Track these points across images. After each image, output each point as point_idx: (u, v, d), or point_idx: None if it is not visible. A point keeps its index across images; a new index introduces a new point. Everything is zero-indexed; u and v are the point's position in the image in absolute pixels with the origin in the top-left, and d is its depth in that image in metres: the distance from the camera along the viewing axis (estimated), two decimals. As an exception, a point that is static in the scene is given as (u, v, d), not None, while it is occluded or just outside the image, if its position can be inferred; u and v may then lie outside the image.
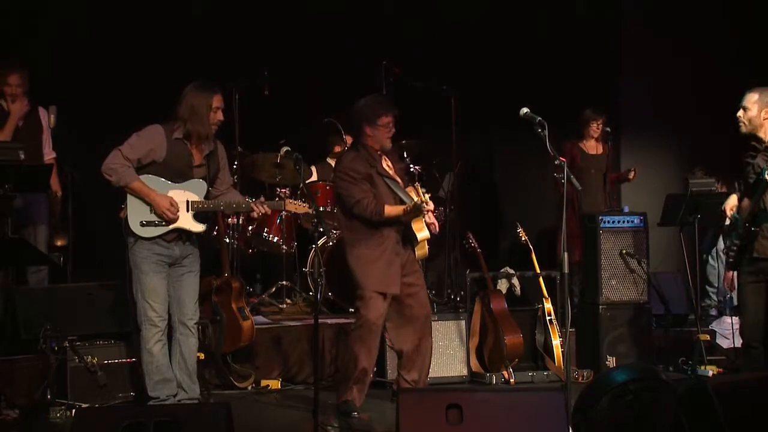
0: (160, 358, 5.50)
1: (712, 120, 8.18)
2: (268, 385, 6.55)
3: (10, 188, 5.98)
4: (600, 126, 8.29)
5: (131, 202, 5.41)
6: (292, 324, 7.07)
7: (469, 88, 8.24)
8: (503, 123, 8.27)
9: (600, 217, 7.15)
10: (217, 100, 5.48)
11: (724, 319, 7.70)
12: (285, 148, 5.69)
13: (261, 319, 7.18)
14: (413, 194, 5.70)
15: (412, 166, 7.89)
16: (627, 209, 7.39)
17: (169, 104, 5.51)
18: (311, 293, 7.67)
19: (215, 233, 6.91)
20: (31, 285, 6.68)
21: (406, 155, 7.83)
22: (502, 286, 7.18)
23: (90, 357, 5.93)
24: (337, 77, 8.48)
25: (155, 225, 5.42)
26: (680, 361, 7.06)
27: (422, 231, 5.69)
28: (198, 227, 5.53)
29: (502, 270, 7.24)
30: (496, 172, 9.85)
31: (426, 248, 5.82)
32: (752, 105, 5.62)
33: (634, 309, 7.11)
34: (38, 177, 6.33)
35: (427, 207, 5.56)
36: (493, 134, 9.48)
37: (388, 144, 5.73)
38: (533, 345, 7.14)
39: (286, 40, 8.54)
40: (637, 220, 7.19)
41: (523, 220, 7.76)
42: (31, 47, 7.64)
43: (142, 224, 5.40)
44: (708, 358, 6.92)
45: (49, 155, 6.87)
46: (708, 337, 7.16)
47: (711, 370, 6.81)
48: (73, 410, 5.56)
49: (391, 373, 6.44)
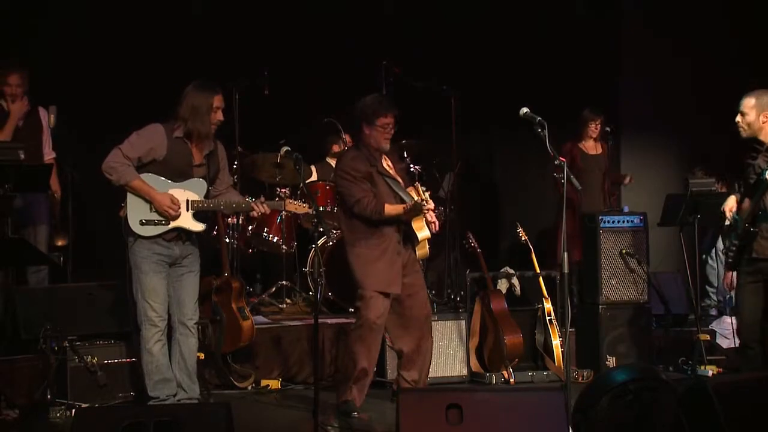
0: (159, 358, 5.50)
1: (712, 120, 8.17)
2: (268, 385, 6.54)
3: (10, 188, 5.99)
4: (598, 126, 8.29)
5: (131, 200, 5.40)
6: (292, 324, 7.07)
7: (469, 88, 8.24)
8: (503, 123, 8.29)
9: (600, 217, 7.15)
10: (218, 100, 5.49)
11: (724, 319, 7.70)
12: (285, 148, 5.69)
13: (261, 319, 7.18)
14: (414, 194, 5.69)
15: (412, 166, 7.89)
16: (627, 209, 7.40)
17: (169, 104, 5.51)
18: (311, 293, 7.67)
19: (215, 233, 6.91)
20: (31, 285, 6.68)
21: (406, 155, 7.83)
22: (502, 286, 7.18)
23: (90, 357, 5.92)
24: (337, 77, 8.48)
25: (155, 224, 5.42)
26: (680, 361, 7.06)
27: (423, 230, 5.68)
28: (197, 226, 5.53)
29: (502, 270, 7.24)
30: (496, 172, 9.85)
31: (427, 248, 5.81)
32: (750, 110, 5.60)
33: (634, 309, 7.11)
34: (38, 177, 6.33)
35: (427, 206, 5.56)
36: (493, 134, 9.48)
37: (385, 145, 5.69)
38: (533, 345, 7.14)
39: (286, 40, 8.54)
40: (637, 220, 7.19)
41: (523, 220, 7.76)
42: (31, 47, 7.64)
43: (141, 223, 5.40)
44: (708, 358, 6.92)
45: (49, 155, 6.87)
46: (708, 337, 7.15)
47: (711, 370, 6.80)
48: (73, 410, 5.55)
49: (391, 373, 6.44)
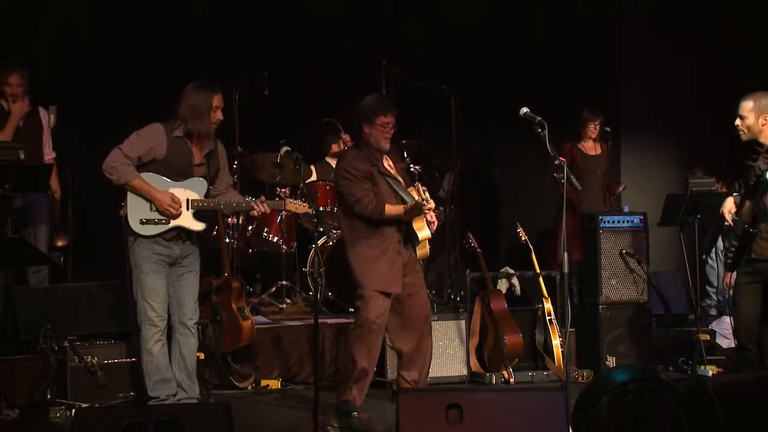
0: (159, 358, 5.50)
1: (712, 120, 8.17)
2: (268, 385, 6.54)
3: (10, 188, 5.99)
4: (597, 127, 8.29)
5: (131, 200, 5.40)
6: (292, 324, 7.07)
7: (469, 88, 8.24)
8: (503, 123, 8.29)
9: (600, 217, 7.15)
10: (218, 100, 5.49)
11: (724, 319, 7.69)
12: (285, 148, 5.69)
13: (261, 319, 7.18)
14: (414, 194, 5.69)
15: (412, 166, 7.88)
16: (627, 209, 7.41)
17: (169, 104, 5.52)
18: (311, 293, 7.67)
19: (215, 233, 6.91)
20: (31, 285, 6.67)
21: (406, 155, 7.83)
22: (502, 286, 7.18)
23: (90, 357, 5.92)
24: (337, 77, 8.48)
25: (155, 223, 5.42)
26: (680, 361, 7.06)
27: (423, 230, 5.68)
28: (198, 226, 5.53)
29: (502, 270, 7.24)
30: (496, 172, 9.85)
31: (427, 248, 5.81)
32: (748, 113, 5.58)
33: (634, 309, 7.11)
34: (38, 177, 6.33)
35: (428, 205, 5.56)
36: (493, 134, 9.48)
37: (385, 144, 5.69)
38: (533, 345, 7.14)
39: (286, 40, 8.54)
40: (637, 220, 7.19)
41: (523, 220, 7.76)
42: (31, 47, 7.64)
43: (141, 222, 5.40)
44: (708, 358, 6.92)
45: (49, 155, 6.87)
46: (708, 337, 7.16)
47: (711, 370, 6.80)
48: (73, 410, 5.55)
49: (391, 373, 6.43)
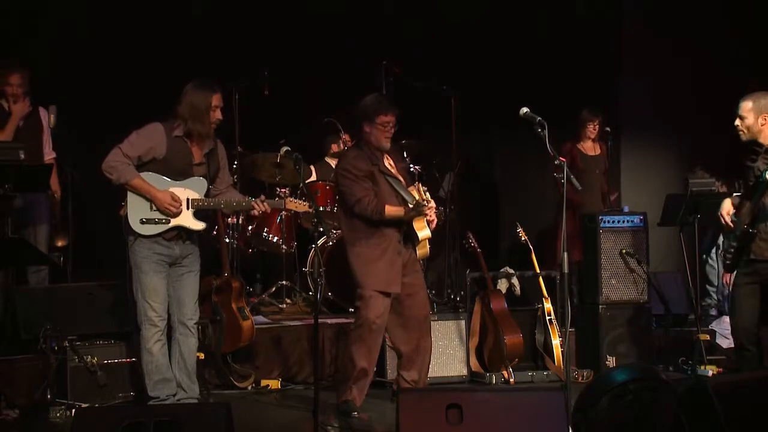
0: (159, 358, 5.50)
1: (712, 120, 8.16)
2: (268, 385, 6.54)
3: (10, 188, 5.99)
4: (596, 127, 8.29)
5: (131, 199, 5.40)
6: (292, 324, 7.07)
7: (469, 88, 8.23)
8: (503, 123, 8.28)
9: (600, 217, 7.15)
10: (217, 99, 5.49)
11: (724, 319, 7.68)
12: (285, 148, 5.69)
13: (261, 319, 7.18)
14: (415, 193, 5.70)
15: (412, 166, 7.88)
16: (627, 209, 7.40)
17: (169, 104, 5.51)
18: (311, 293, 7.67)
19: (215, 233, 6.91)
20: (31, 285, 6.68)
21: (406, 155, 7.82)
22: (502, 286, 7.18)
23: (90, 357, 5.92)
24: (337, 77, 8.48)
25: (155, 222, 5.42)
26: (680, 361, 7.06)
27: (424, 230, 5.68)
28: (198, 225, 5.53)
29: (502, 270, 7.24)
30: (496, 172, 9.85)
31: (427, 247, 5.81)
32: (748, 113, 5.58)
33: (634, 309, 7.11)
34: (38, 177, 6.33)
35: (428, 206, 5.57)
36: (493, 134, 9.48)
37: (385, 144, 5.70)
38: (533, 345, 7.13)
39: (286, 40, 8.54)
40: (637, 220, 7.19)
41: (523, 220, 7.75)
42: (31, 47, 7.64)
43: (142, 222, 5.40)
44: (708, 358, 6.92)
45: (49, 155, 6.87)
46: (708, 337, 7.16)
47: (711, 370, 6.80)
48: (73, 410, 5.55)
49: (391, 373, 6.43)
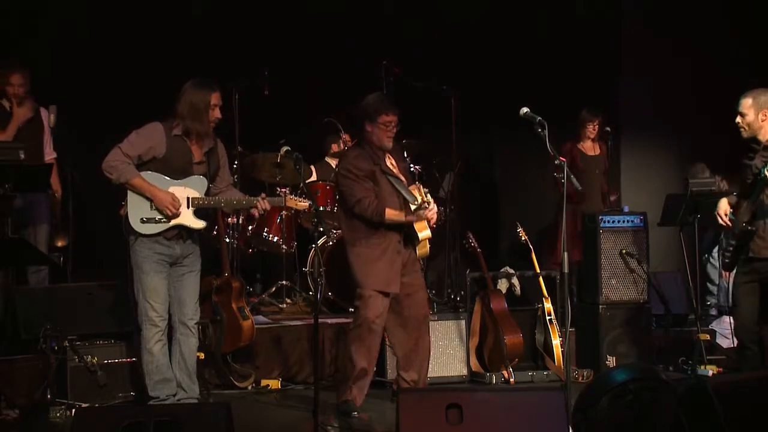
0: (160, 358, 5.50)
1: (712, 120, 8.16)
2: (268, 385, 6.54)
3: (10, 188, 5.99)
4: (596, 127, 8.29)
5: (131, 199, 5.40)
6: (292, 324, 7.07)
7: (469, 88, 8.23)
8: (503, 123, 8.29)
9: (600, 217, 7.14)
10: (216, 98, 5.49)
11: (724, 319, 7.70)
12: (285, 148, 5.68)
13: (261, 318, 7.18)
14: (416, 193, 5.70)
15: (412, 166, 7.88)
16: (627, 209, 7.40)
17: (169, 104, 5.52)
18: (311, 293, 7.67)
19: (215, 233, 6.91)
20: (31, 285, 6.68)
21: (406, 155, 7.82)
22: (502, 285, 7.18)
23: (90, 357, 5.92)
24: (337, 77, 8.48)
25: (156, 222, 5.42)
26: (680, 361, 7.05)
27: (424, 230, 5.68)
28: (198, 224, 5.53)
29: (502, 270, 7.24)
30: (496, 172, 9.85)
31: (427, 247, 5.82)
32: (748, 110, 5.60)
33: (634, 309, 7.10)
34: (38, 177, 6.33)
35: (428, 208, 5.57)
36: (493, 134, 9.48)
37: (387, 143, 5.70)
38: (533, 345, 7.13)
39: (286, 40, 8.54)
40: (637, 220, 7.19)
41: (523, 220, 7.76)
42: (31, 47, 7.64)
43: (142, 221, 5.40)
44: (708, 357, 6.92)
45: (49, 155, 6.88)
46: (708, 337, 7.16)
47: (711, 370, 6.80)
48: (73, 410, 5.56)
49: (391, 373, 6.43)
